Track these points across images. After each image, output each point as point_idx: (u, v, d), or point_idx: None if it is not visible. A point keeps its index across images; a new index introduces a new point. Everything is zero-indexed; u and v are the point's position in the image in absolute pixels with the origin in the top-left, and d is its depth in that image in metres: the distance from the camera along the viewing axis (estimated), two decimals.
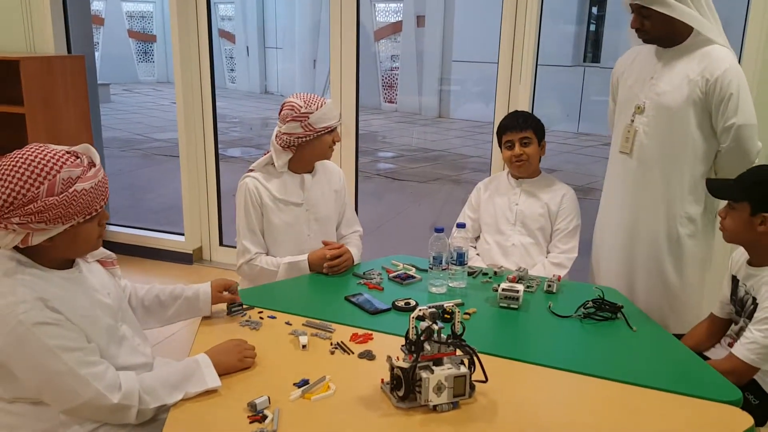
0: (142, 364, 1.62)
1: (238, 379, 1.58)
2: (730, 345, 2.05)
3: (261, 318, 1.91)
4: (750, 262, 1.99)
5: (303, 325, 1.87)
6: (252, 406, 1.43)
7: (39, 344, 1.37)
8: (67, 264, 1.53)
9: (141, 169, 8.61)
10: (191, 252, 4.36)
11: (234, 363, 1.61)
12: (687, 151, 2.26)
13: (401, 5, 15.85)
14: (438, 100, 14.95)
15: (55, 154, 1.40)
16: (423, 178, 8.39)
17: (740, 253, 2.06)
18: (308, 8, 16.75)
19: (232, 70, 20.75)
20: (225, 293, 1.92)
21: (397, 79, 15.91)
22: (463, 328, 1.53)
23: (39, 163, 1.38)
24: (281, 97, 2.32)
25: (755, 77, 2.90)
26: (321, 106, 2.31)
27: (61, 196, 1.37)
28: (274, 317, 1.92)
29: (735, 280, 2.05)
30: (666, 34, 2.23)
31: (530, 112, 3.32)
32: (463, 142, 11.20)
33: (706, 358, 2.01)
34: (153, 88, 19.37)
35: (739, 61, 2.88)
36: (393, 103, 15.85)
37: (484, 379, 1.52)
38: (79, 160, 1.43)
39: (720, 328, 2.14)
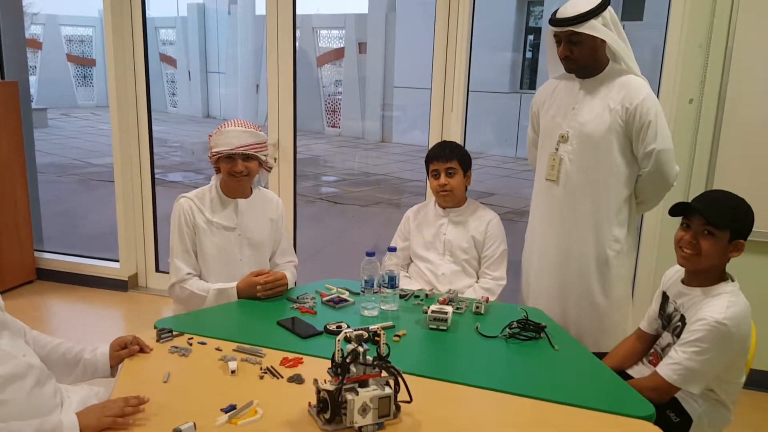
0: (18, 372, 1.60)
1: (164, 405, 1.57)
2: (651, 362, 2.13)
3: (190, 344, 1.91)
4: (684, 281, 2.04)
5: (233, 350, 1.88)
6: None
7: None
8: None
9: (77, 195, 8.40)
10: (126, 279, 4.28)
11: (93, 423, 1.48)
12: (611, 177, 2.37)
13: (343, 32, 16.05)
14: (380, 125, 15.14)
15: None
16: (364, 201, 8.46)
17: (674, 271, 2.12)
18: (251, 33, 16.78)
19: (173, 94, 20.52)
20: (123, 351, 1.84)
21: (340, 104, 16.05)
22: (389, 350, 1.57)
23: None
24: (223, 122, 2.35)
25: (673, 105, 3.07)
26: (220, 131, 2.36)
27: None
28: (204, 343, 1.92)
29: (665, 297, 2.12)
30: (590, 61, 2.34)
31: (461, 139, 3.43)
32: (404, 166, 11.36)
33: (628, 376, 2.10)
34: (92, 112, 18.96)
35: (658, 89, 3.08)
36: (336, 127, 15.96)
37: (409, 399, 1.56)
38: None
39: (645, 344, 2.20)
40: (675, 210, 1.98)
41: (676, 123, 3.05)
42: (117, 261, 4.33)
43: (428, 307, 2.14)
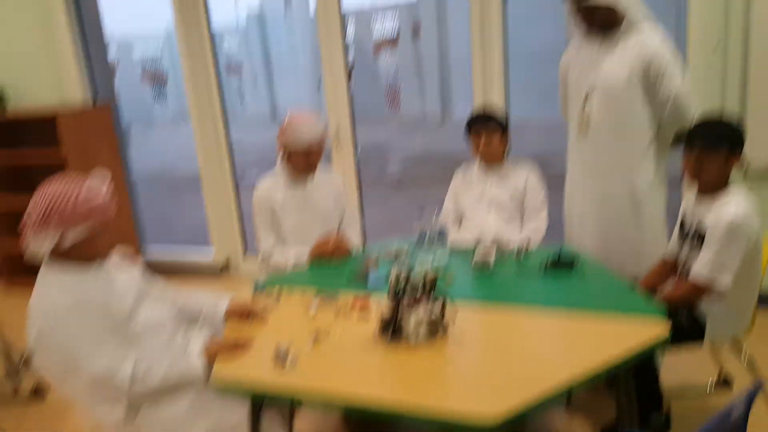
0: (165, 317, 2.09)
1: (265, 335, 2.02)
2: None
3: (281, 293, 2.36)
4: (701, 192, 2.29)
5: (314, 296, 2.31)
6: (277, 350, 1.87)
7: (64, 329, 1.82)
8: (95, 261, 1.98)
9: (168, 199, 9.15)
10: (219, 264, 4.83)
11: (212, 351, 1.94)
12: (635, 123, 2.65)
13: (397, 19, 16.35)
14: (440, 104, 15.38)
15: (76, 180, 1.89)
16: (428, 180, 8.79)
17: (689, 198, 2.40)
18: (308, 31, 17.33)
19: (242, 97, 21.42)
20: (240, 316, 2.17)
21: (400, 88, 16.38)
22: (435, 282, 1.93)
23: (66, 185, 1.87)
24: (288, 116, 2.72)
25: (700, 52, 3.27)
26: (291, 130, 2.69)
27: (84, 207, 1.84)
28: (291, 292, 2.36)
29: (683, 220, 2.40)
30: (609, 22, 2.61)
31: (503, 106, 3.73)
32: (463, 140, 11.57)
33: None
34: (170, 123, 20.05)
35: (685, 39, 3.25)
36: (399, 108, 16.28)
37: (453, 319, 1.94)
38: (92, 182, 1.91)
39: (670, 267, 2.49)
40: (679, 140, 2.30)
41: (704, 71, 3.23)
42: (211, 246, 4.87)
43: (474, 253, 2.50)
